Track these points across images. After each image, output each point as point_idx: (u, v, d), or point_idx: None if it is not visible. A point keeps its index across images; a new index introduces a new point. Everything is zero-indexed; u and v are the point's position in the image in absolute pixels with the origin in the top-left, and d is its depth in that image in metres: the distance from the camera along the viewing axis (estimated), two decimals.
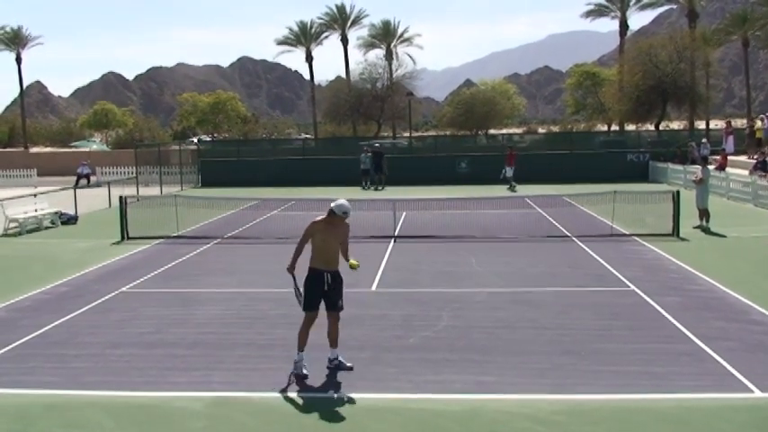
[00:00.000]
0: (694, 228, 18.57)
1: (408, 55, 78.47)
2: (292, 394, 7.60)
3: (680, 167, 31.38)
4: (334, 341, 8.29)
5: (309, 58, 67.45)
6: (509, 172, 32.04)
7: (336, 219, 8.09)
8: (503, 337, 9.49)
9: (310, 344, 8.02)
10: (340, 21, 66.79)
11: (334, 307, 8.19)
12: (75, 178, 37.67)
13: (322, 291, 8.09)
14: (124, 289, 12.90)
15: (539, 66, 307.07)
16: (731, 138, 34.08)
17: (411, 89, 57.00)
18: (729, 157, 31.59)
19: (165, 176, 36.16)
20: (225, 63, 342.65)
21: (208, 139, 63.88)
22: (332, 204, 8.12)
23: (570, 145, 39.69)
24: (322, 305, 8.20)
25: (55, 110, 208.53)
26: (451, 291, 12.28)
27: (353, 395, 7.52)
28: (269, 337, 9.78)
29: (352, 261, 8.24)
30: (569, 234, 18.18)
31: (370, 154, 34.93)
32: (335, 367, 8.23)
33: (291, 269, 8.24)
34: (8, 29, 70.41)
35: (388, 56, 64.48)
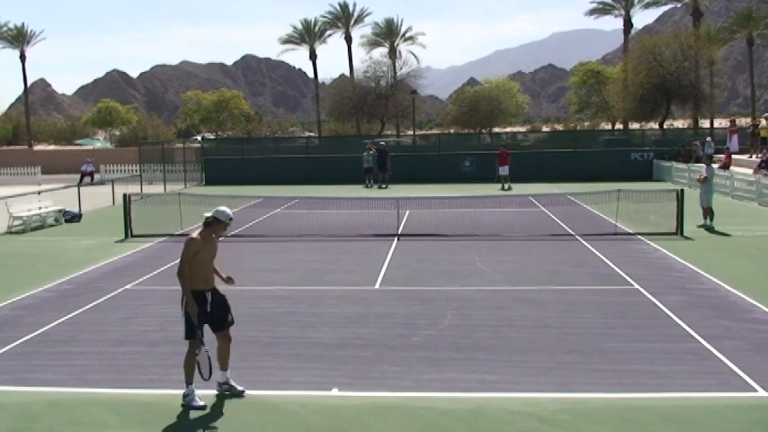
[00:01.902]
0: (698, 227, 18.54)
1: (412, 53, 78.44)
2: (296, 392, 7.60)
3: (684, 166, 31.29)
4: (224, 362, 7.56)
5: (313, 57, 67.54)
6: (503, 171, 31.69)
7: (220, 226, 7.46)
8: (507, 336, 9.49)
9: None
10: (343, 19, 66.95)
11: (221, 326, 7.52)
12: (78, 176, 37.72)
13: (205, 312, 7.40)
14: (128, 287, 12.92)
15: (543, 64, 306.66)
16: (735, 136, 34.02)
17: (415, 87, 56.94)
18: (733, 156, 31.56)
19: (169, 174, 36.22)
20: (229, 61, 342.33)
21: (211, 137, 63.84)
22: (217, 211, 7.44)
23: (574, 143, 39.61)
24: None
25: (59, 108, 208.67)
26: (455, 289, 12.27)
27: (357, 393, 7.52)
28: (272, 334, 9.78)
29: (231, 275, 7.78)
30: (573, 233, 18.16)
31: (372, 152, 34.92)
32: (226, 392, 7.53)
33: (191, 307, 7.36)
34: (11, 26, 70.72)
35: (392, 54, 64.49)
